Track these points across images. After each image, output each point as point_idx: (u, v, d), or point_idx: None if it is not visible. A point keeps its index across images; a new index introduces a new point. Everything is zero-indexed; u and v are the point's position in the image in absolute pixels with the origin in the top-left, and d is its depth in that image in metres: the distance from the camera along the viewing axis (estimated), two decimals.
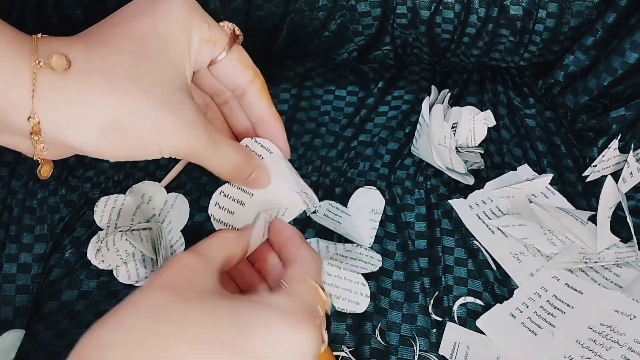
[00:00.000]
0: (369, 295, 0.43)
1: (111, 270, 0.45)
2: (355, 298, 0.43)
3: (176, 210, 0.48)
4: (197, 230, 0.48)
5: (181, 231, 0.47)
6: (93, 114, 0.27)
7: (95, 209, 0.46)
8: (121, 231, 0.45)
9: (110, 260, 0.45)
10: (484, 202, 0.49)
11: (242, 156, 0.33)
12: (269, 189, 0.36)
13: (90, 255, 0.45)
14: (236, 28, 0.34)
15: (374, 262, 0.45)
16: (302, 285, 0.29)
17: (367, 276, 0.44)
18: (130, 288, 0.44)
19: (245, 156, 0.34)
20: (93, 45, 0.28)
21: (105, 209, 0.46)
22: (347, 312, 0.43)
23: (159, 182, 0.49)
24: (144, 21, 0.30)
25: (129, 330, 0.23)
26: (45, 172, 0.31)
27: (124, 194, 0.48)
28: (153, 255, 0.45)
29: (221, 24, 0.34)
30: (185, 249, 0.46)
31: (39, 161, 0.30)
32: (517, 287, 0.44)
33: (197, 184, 0.51)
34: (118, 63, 0.28)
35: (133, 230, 0.46)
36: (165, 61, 0.29)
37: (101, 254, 0.45)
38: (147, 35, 0.29)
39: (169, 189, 0.49)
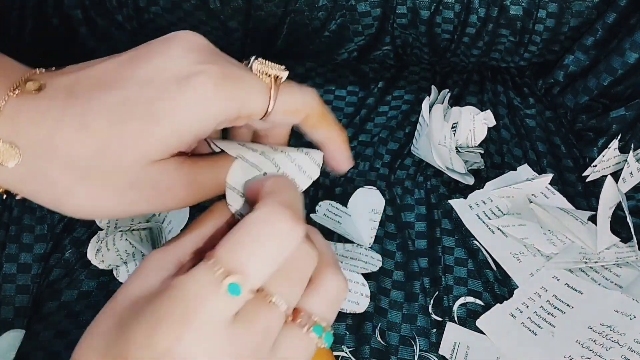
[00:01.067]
0: (368, 295, 0.43)
1: (111, 270, 0.45)
2: (355, 298, 0.43)
3: (176, 210, 0.48)
4: None
5: (181, 231, 0.47)
6: (47, 195, 0.25)
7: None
8: (121, 231, 0.45)
9: (110, 260, 0.45)
10: (484, 202, 0.49)
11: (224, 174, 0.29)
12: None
13: (90, 255, 0.45)
14: (276, 71, 0.28)
15: (374, 262, 0.45)
16: None
17: (366, 276, 0.44)
18: None
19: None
20: (64, 122, 0.25)
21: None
22: (347, 312, 0.43)
23: None
24: (147, 90, 0.25)
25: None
26: None
27: None
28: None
29: (258, 71, 0.27)
30: None
31: None
32: (517, 287, 0.44)
33: None
34: (82, 147, 0.24)
35: (133, 230, 0.46)
36: (145, 142, 0.25)
37: (101, 254, 0.45)
38: (135, 113, 0.25)
39: None
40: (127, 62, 0.26)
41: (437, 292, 0.44)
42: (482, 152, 0.51)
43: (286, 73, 0.28)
